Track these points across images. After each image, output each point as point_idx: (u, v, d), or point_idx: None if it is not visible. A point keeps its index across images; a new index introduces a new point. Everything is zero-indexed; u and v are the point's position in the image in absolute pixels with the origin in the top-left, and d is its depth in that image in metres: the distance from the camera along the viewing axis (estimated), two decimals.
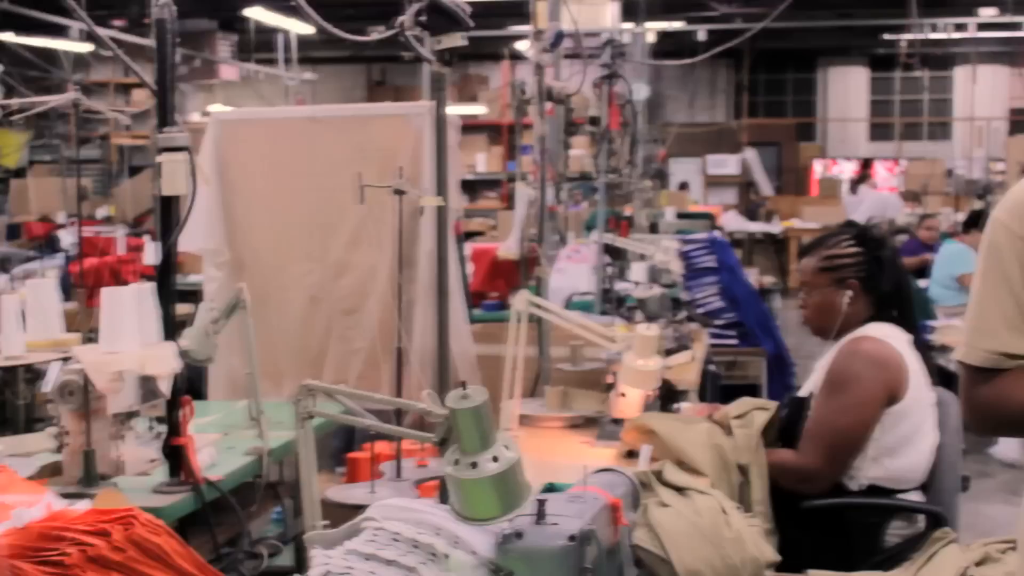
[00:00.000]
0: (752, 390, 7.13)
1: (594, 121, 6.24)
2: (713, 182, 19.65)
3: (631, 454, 3.42)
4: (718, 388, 6.33)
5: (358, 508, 2.09)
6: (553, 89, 4.23)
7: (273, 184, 4.65)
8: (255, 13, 14.80)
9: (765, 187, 19.47)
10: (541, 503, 1.84)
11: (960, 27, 17.26)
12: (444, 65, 2.40)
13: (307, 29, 15.79)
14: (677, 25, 17.19)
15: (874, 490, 3.32)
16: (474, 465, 1.75)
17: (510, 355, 3.80)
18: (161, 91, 2.68)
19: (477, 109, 19.17)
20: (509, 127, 16.85)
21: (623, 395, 3.65)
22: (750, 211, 17.82)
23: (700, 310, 7.59)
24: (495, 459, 1.75)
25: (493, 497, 1.76)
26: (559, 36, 4.11)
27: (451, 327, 4.51)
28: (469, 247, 6.08)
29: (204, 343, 3.28)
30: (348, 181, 3.47)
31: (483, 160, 18.72)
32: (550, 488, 2.25)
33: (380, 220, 4.16)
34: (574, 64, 7.90)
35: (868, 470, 3.30)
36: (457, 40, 2.38)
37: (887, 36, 19.28)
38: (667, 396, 4.30)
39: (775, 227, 16.70)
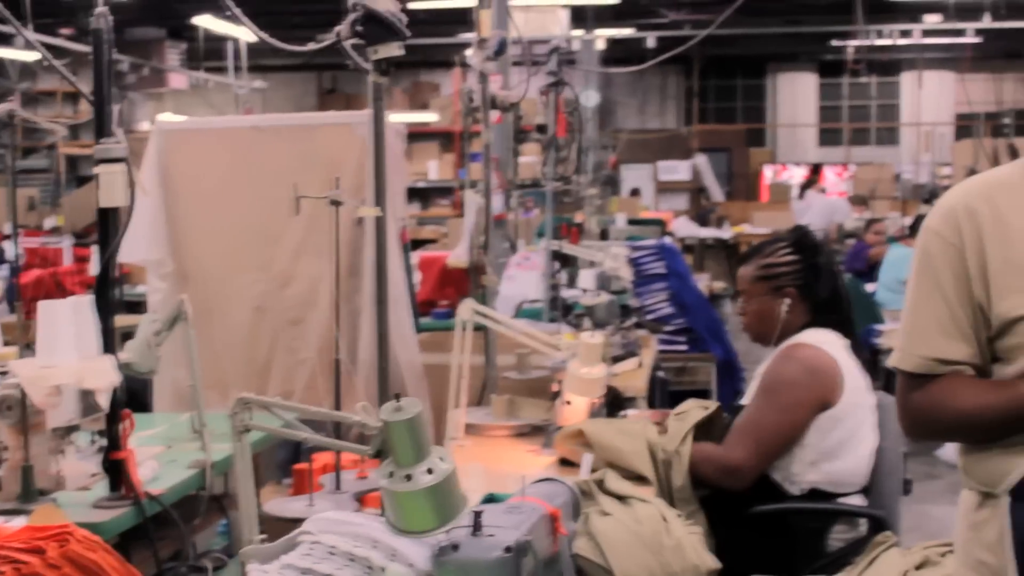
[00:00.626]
0: (702, 395, 7.12)
1: (541, 129, 6.25)
2: (664, 188, 19.72)
3: (564, 462, 3.44)
4: (667, 394, 6.35)
5: (297, 521, 2.08)
6: (497, 97, 4.23)
7: (218, 194, 4.62)
8: (204, 21, 14.72)
9: (716, 193, 19.56)
10: (477, 515, 1.84)
11: (905, 33, 17.44)
12: (382, 75, 2.40)
13: (255, 37, 15.71)
14: (627, 32, 17.26)
15: (815, 494, 3.34)
16: (408, 477, 1.74)
17: (455, 364, 3.80)
18: (98, 102, 2.65)
19: (428, 116, 19.16)
20: (461, 134, 16.86)
21: (569, 403, 3.66)
22: (701, 217, 17.89)
23: (650, 316, 7.61)
24: (430, 471, 1.75)
25: (428, 509, 1.76)
26: (503, 44, 4.11)
27: (397, 336, 4.52)
28: (417, 256, 6.06)
29: (146, 355, 3.25)
30: (293, 191, 3.46)
31: (435, 168, 18.72)
32: (490, 499, 2.24)
33: (326, 230, 4.15)
34: (524, 71, 7.92)
35: (808, 475, 3.33)
36: (394, 50, 2.37)
37: (835, 42, 19.46)
38: (614, 403, 4.31)
39: (726, 232, 16.79)
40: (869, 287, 9.57)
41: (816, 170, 20.56)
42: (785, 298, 3.48)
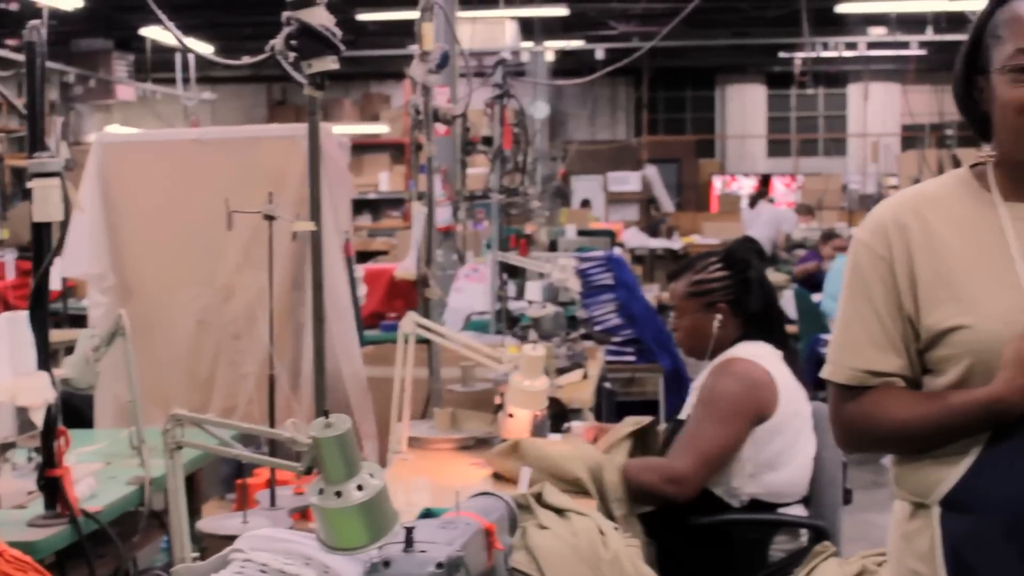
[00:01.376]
0: (651, 406, 7.17)
1: (487, 141, 6.25)
2: (615, 199, 19.80)
3: (496, 476, 3.45)
4: (614, 405, 6.36)
5: (232, 539, 2.07)
6: (440, 110, 4.23)
7: (159, 207, 4.58)
8: (152, 32, 14.63)
9: (666, 204, 19.66)
10: (409, 530, 1.83)
11: (851, 46, 17.64)
12: (317, 88, 2.39)
13: (206, 48, 15.66)
14: (576, 44, 17.33)
15: (756, 505, 3.36)
16: (339, 494, 1.73)
17: (398, 377, 3.79)
18: (31, 115, 2.63)
19: (379, 128, 19.13)
20: (415, 146, 16.84)
21: (511, 416, 3.65)
22: (651, 227, 17.97)
23: (598, 327, 7.62)
24: (360, 487, 1.74)
25: (360, 526, 1.75)
26: (445, 57, 4.11)
27: (342, 350, 4.51)
28: (361, 269, 6.05)
29: (85, 371, 3.22)
30: (236, 204, 3.44)
31: (386, 179, 18.66)
32: (427, 514, 2.24)
33: (268, 243, 4.13)
34: (470, 83, 7.92)
35: (748, 487, 3.35)
36: (328, 64, 2.37)
37: (783, 54, 19.64)
38: (559, 415, 4.32)
39: (676, 243, 16.87)
40: (815, 297, 9.64)
41: (765, 181, 20.70)
42: (717, 314, 3.50)
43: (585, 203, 18.47)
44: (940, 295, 2.02)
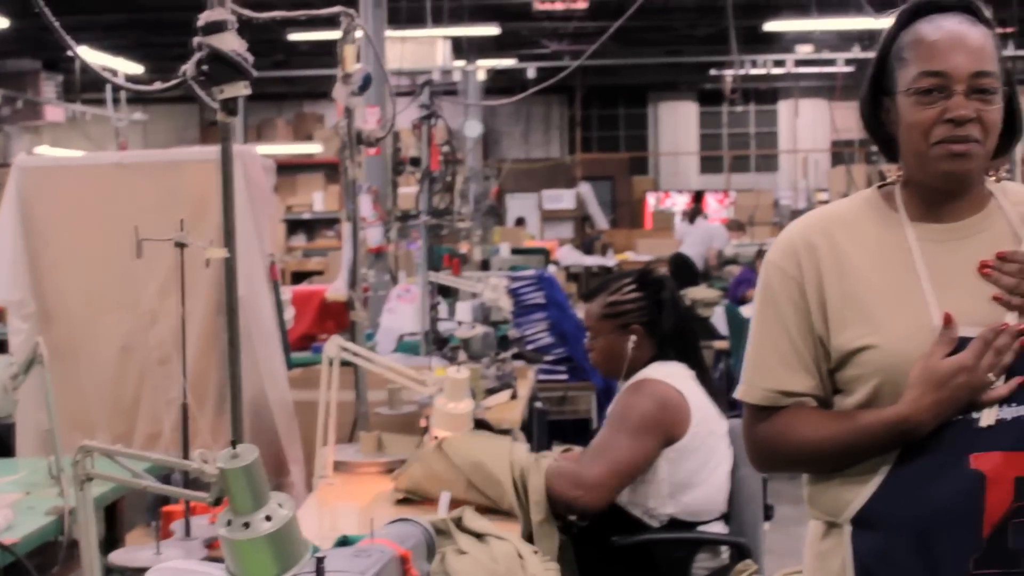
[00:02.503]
0: (583, 424, 7.19)
1: (415, 162, 6.24)
2: (549, 217, 19.85)
3: (405, 500, 3.44)
4: (546, 424, 6.35)
5: (143, 571, 2.04)
6: (364, 132, 4.21)
7: (81, 232, 4.52)
8: (81, 53, 14.47)
9: (600, 221, 19.74)
10: (320, 560, 1.82)
11: (779, 63, 17.84)
12: (229, 114, 2.37)
13: (136, 68, 15.51)
14: (508, 63, 17.38)
15: (675, 524, 3.38)
16: (247, 525, 1.72)
17: (323, 401, 3.78)
18: None
19: (313, 147, 19.06)
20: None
21: (436, 438, 3.64)
22: (586, 245, 18.03)
23: (530, 346, 7.63)
24: (268, 518, 1.72)
25: (268, 557, 1.73)
26: (367, 79, 4.10)
27: (267, 374, 4.47)
28: (289, 291, 6.01)
29: (3, 399, 3.18)
30: (159, 228, 3.40)
31: (320, 199, 18.59)
32: (343, 541, 2.22)
33: (193, 268, 4.09)
34: (399, 103, 7.91)
35: (665, 507, 3.37)
36: (240, 90, 2.35)
37: (714, 72, 19.82)
38: None
39: (610, 260, 16.93)
40: (746, 312, 9.71)
41: (698, 197, 20.85)
42: (631, 335, 3.53)
43: (520, 221, 18.50)
44: (848, 315, 2.04)
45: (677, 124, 22.99)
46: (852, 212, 2.14)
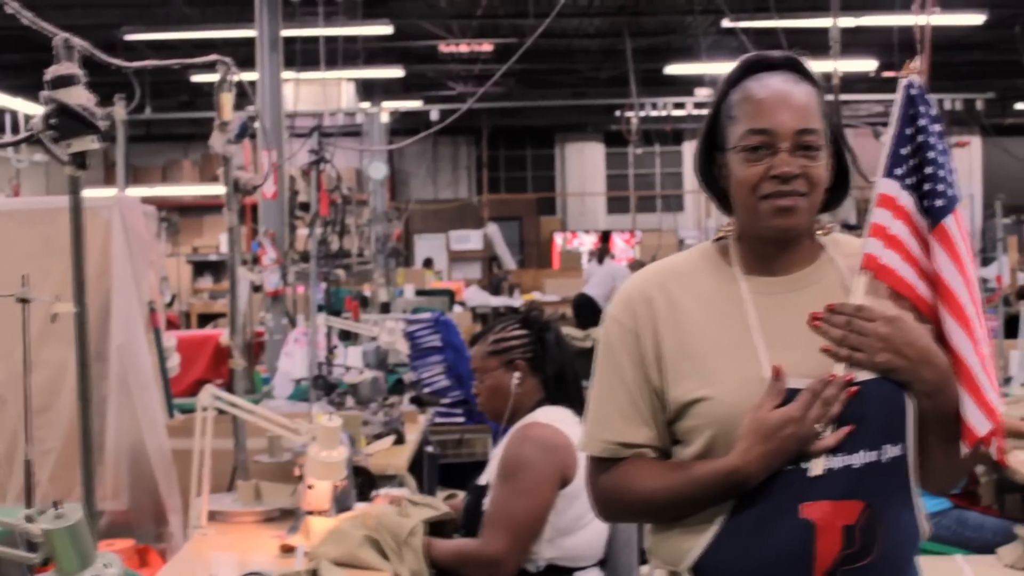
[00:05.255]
0: (481, 466, 7.18)
1: (304, 207, 6.24)
2: (457, 257, 19.90)
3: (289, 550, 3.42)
4: (437, 468, 6.35)
5: None
6: (240, 180, 4.20)
7: None
8: None
9: (508, 261, 19.83)
10: None
11: (679, 105, 18.10)
12: (79, 168, 2.37)
13: (36, 109, 15.29)
14: (413, 105, 17.44)
15: (553, 570, 3.39)
16: None
17: (196, 450, 3.75)
18: None
19: (219, 189, 18.78)
20: (253, 207, 16.75)
21: (311, 487, 3.63)
22: (494, 285, 18.09)
23: (426, 389, 7.63)
24: None
25: None
26: (244, 128, 4.10)
27: (146, 423, 4.42)
28: (174, 338, 5.94)
29: None
30: (35, 277, 3.36)
31: (227, 241, 18.40)
32: None
33: (71, 315, 4.04)
34: (299, 143, 7.89)
35: (545, 551, 3.38)
36: (88, 144, 2.35)
37: (619, 113, 20.05)
38: (368, 484, 4.31)
39: (517, 301, 17.00)
40: None
41: (605, 237, 21.01)
42: (515, 371, 3.55)
43: (428, 262, 18.52)
44: (684, 368, 2.08)
45: (584, 165, 23.19)
46: (689, 265, 2.19)
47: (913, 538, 2.09)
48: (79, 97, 2.30)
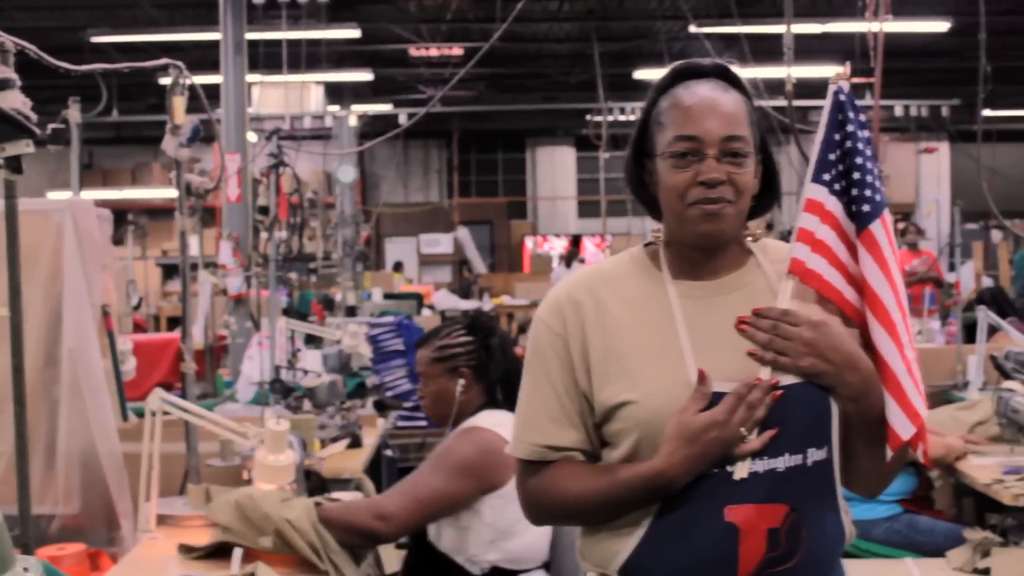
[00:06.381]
0: None
1: (263, 210, 6.23)
2: (427, 261, 19.89)
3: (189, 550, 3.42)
4: (396, 471, 6.35)
5: None
6: (192, 184, 4.20)
7: None
8: None
9: (478, 265, 19.83)
10: None
11: None
12: (13, 172, 2.36)
13: None
14: (383, 108, 17.42)
15: (497, 572, 3.40)
16: None
17: (145, 454, 3.74)
18: None
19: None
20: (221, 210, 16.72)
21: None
22: (464, 289, 18.09)
23: (389, 393, 7.65)
24: None
25: None
26: (196, 132, 4.10)
27: (97, 427, 4.40)
28: (130, 340, 5.90)
29: None
30: None
31: (196, 243, 18.32)
32: None
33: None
34: (258, 147, 7.88)
35: (487, 554, 3.39)
36: (23, 147, 2.34)
37: (589, 118, 20.09)
38: (319, 487, 4.30)
39: (487, 304, 17.01)
40: None
41: (576, 241, 21.05)
42: (460, 378, 3.56)
43: (398, 265, 18.52)
44: (611, 371, 2.09)
45: (555, 169, 23.21)
46: (619, 270, 2.20)
47: (838, 540, 2.11)
48: (13, 101, 2.29)
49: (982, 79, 6.29)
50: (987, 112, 17.79)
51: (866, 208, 2.13)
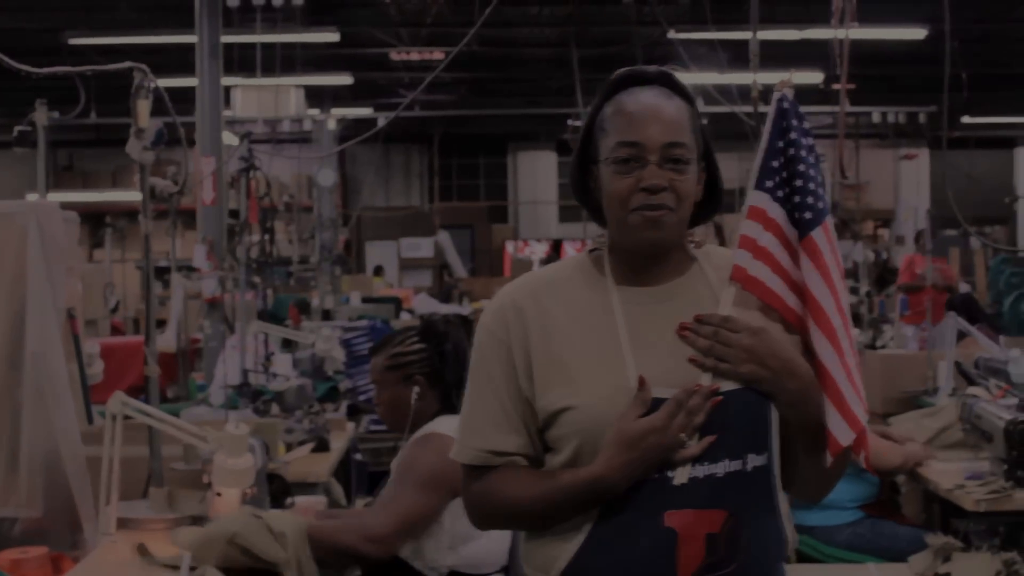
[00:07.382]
0: None
1: (234, 214, 6.23)
2: (408, 265, 19.87)
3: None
4: (365, 476, 6.35)
5: None
6: (157, 187, 4.20)
7: None
8: None
9: (458, 269, 19.83)
10: None
11: None
12: None
13: None
14: (363, 112, 17.41)
15: None
16: None
17: (106, 457, 3.74)
18: None
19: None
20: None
21: (219, 494, 3.63)
22: (444, 293, 18.06)
23: (362, 397, 7.65)
24: None
25: None
26: (160, 135, 4.09)
27: (60, 430, 4.39)
28: (97, 343, 5.89)
29: None
30: None
31: (179, 246, 18.29)
32: None
33: None
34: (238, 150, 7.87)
35: (446, 559, 3.39)
36: None
37: (570, 122, 20.10)
38: (282, 491, 4.31)
39: (466, 309, 16.98)
40: None
41: (557, 246, 21.05)
42: (415, 386, 3.56)
43: (379, 269, 18.49)
44: (553, 377, 2.09)
45: (536, 173, 23.21)
46: (562, 275, 2.21)
47: (778, 546, 2.12)
48: None
49: (948, 87, 6.33)
50: (966, 119, 17.88)
51: (808, 215, 2.14)
